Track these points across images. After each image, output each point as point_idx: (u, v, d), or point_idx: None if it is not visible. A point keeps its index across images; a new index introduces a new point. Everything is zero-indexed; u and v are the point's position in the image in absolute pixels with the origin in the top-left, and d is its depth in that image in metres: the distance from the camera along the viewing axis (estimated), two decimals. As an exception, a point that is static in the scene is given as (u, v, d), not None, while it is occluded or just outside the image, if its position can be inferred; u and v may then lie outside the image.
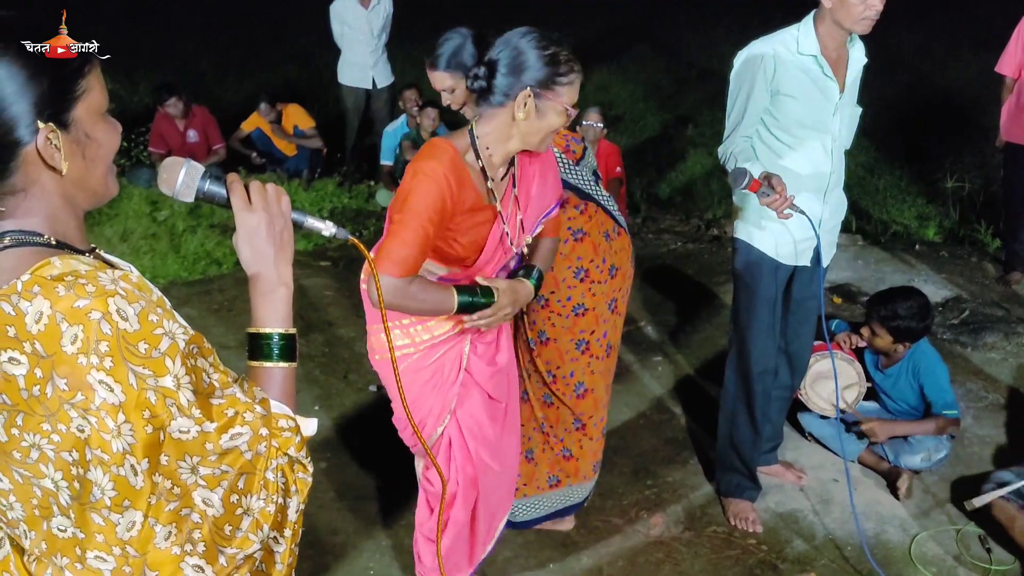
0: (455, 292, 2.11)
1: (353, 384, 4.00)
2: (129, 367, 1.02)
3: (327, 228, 1.36)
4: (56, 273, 1.03)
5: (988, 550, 2.95)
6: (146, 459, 1.04)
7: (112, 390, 1.01)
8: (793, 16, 2.75)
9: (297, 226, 1.32)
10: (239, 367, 1.27)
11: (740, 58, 2.75)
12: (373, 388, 3.91)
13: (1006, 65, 4.67)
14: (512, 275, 2.30)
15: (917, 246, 5.47)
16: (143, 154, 6.74)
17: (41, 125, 1.07)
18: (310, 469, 1.24)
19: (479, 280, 2.18)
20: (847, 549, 2.99)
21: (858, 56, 2.78)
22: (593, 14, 11.82)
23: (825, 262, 2.93)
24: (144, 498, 1.06)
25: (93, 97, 1.12)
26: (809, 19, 2.68)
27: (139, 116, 7.71)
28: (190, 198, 1.29)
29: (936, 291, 4.74)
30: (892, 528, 3.10)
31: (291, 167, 6.77)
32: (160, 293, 1.17)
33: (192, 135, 6.62)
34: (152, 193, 5.95)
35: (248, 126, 6.88)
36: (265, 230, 1.26)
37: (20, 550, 1.17)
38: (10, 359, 1.02)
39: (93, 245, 1.22)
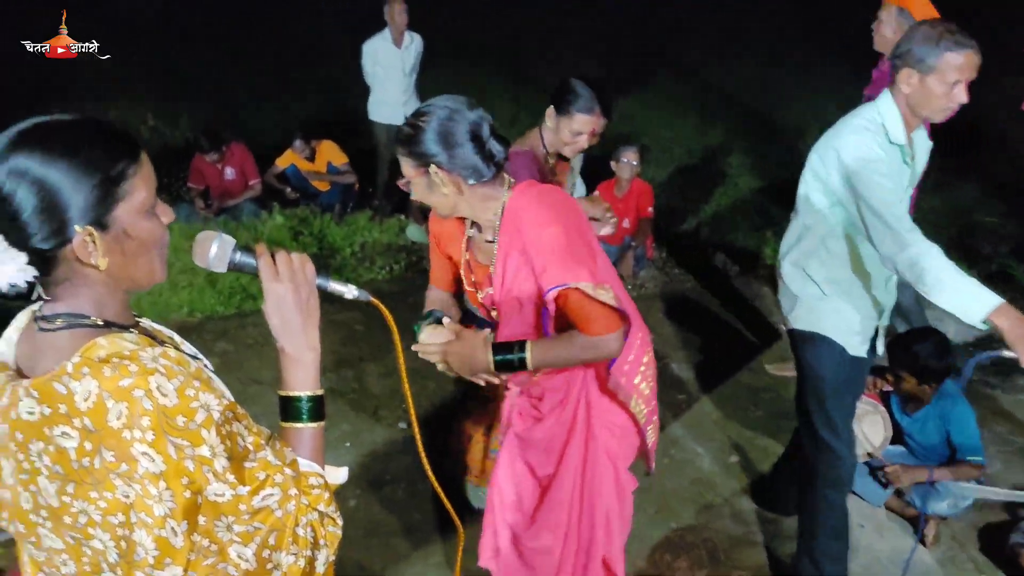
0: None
1: (383, 420, 4.07)
2: (169, 439, 1.11)
3: (349, 291, 1.45)
4: (103, 355, 1.13)
5: (1014, 598, 2.95)
6: (185, 521, 1.13)
7: (154, 460, 1.10)
8: (818, 40, 2.69)
9: (321, 290, 1.40)
10: (272, 401, 1.36)
11: (856, 153, 2.38)
12: (403, 425, 3.98)
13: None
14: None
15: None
16: (183, 190, 6.91)
17: (78, 229, 1.15)
18: (339, 523, 1.32)
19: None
20: (872, 595, 2.99)
21: (925, 143, 2.62)
22: (619, 41, 11.90)
23: (880, 349, 2.79)
24: (184, 555, 1.14)
25: (136, 198, 1.20)
26: (890, 102, 2.43)
27: (179, 152, 7.90)
28: (222, 269, 1.37)
29: (967, 331, 4.71)
30: (918, 575, 3.09)
31: (324, 201, 6.90)
32: (198, 363, 1.26)
33: (229, 172, 6.77)
34: (191, 230, 6.11)
35: (283, 162, 7.03)
36: (292, 299, 1.35)
37: None
38: (63, 433, 1.11)
39: (137, 318, 1.31)
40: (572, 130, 2.88)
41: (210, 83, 10.47)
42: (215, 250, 1.35)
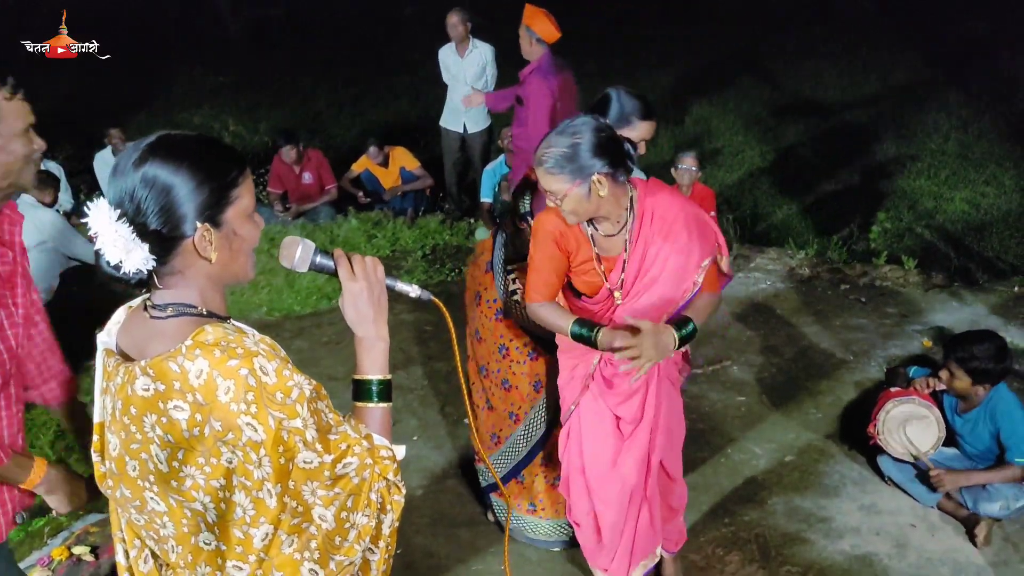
0: (572, 321, 2.52)
1: (449, 416, 4.26)
2: (269, 412, 1.30)
3: (413, 291, 1.63)
4: (211, 340, 1.33)
5: (1067, 602, 2.95)
6: (279, 484, 1.33)
7: (256, 430, 1.30)
8: (902, 42, 2.76)
9: (389, 289, 1.59)
10: (346, 397, 1.55)
11: None
12: (467, 422, 4.16)
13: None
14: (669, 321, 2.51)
15: (1017, 288, 5.35)
16: (262, 194, 7.26)
17: (199, 224, 1.36)
18: (403, 491, 1.51)
19: (627, 318, 2.47)
20: (921, 594, 3.04)
21: None
22: (698, 46, 11.91)
23: None
24: (275, 515, 1.34)
25: (242, 203, 1.42)
26: None
27: (259, 155, 8.27)
28: (304, 269, 1.58)
29: (1033, 334, 4.67)
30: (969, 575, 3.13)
31: (396, 206, 7.15)
32: (284, 352, 1.46)
33: (307, 177, 7.09)
34: (270, 231, 6.42)
35: (358, 167, 7.32)
36: (366, 296, 1.54)
37: (161, 564, 1.47)
38: (175, 406, 1.31)
39: (229, 315, 1.51)
40: (636, 137, 3.00)
41: (292, 91, 10.87)
42: (299, 253, 1.55)
